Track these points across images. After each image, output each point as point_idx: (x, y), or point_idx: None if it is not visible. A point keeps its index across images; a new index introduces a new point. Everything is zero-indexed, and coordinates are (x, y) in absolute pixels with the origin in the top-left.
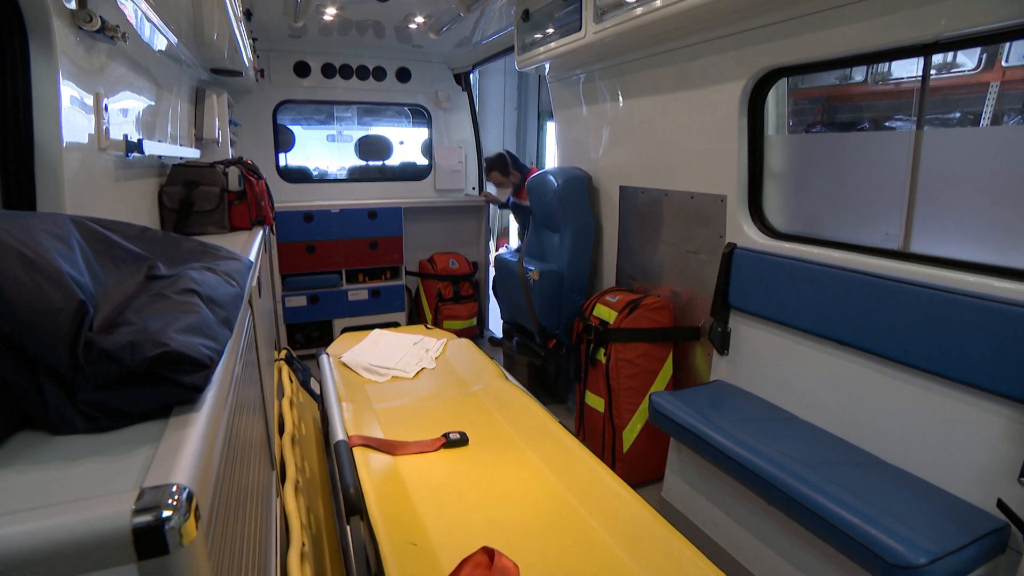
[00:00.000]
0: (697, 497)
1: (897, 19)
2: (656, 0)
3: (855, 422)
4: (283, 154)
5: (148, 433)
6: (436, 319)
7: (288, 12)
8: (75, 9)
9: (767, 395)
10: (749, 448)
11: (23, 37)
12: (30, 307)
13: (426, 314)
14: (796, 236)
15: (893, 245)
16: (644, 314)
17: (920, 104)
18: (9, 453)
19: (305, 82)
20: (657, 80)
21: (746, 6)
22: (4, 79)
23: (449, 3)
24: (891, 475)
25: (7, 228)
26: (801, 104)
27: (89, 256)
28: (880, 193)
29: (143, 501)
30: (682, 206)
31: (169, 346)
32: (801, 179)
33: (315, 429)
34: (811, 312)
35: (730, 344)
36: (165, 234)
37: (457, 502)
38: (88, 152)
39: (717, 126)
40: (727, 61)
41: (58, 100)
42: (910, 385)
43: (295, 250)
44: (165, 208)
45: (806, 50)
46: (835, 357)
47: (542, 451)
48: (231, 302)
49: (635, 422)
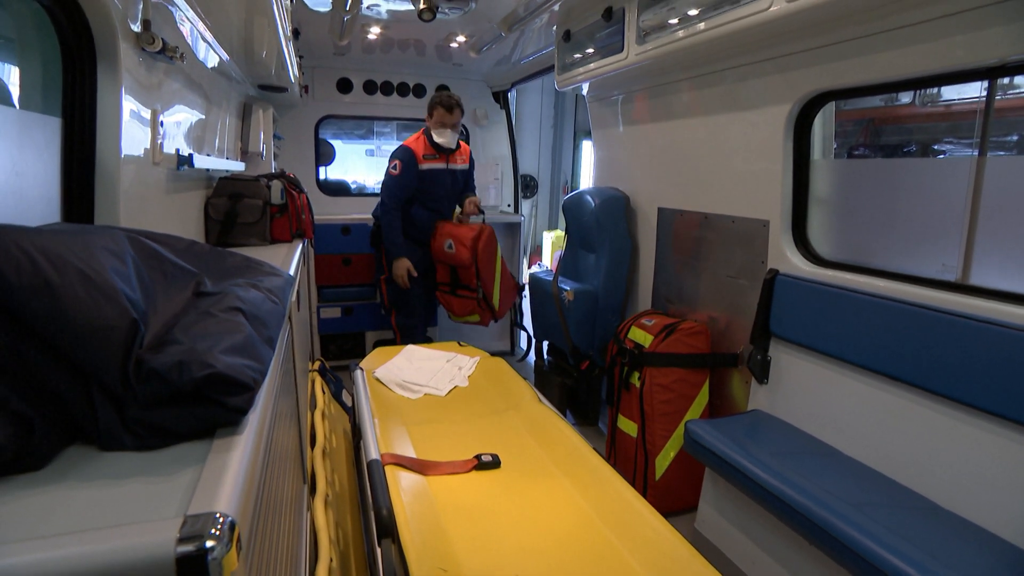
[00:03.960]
0: (732, 531)
1: (956, 42)
2: (700, 23)
3: (905, 461)
4: (323, 167)
5: (192, 454)
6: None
7: (334, 31)
8: (140, 32)
9: (809, 428)
10: (789, 483)
11: (92, 57)
12: (87, 323)
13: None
14: (843, 264)
15: (951, 276)
16: (681, 339)
17: (984, 129)
18: (61, 468)
19: (347, 98)
20: (699, 102)
21: (791, 29)
22: (73, 97)
23: (491, 23)
24: (944, 520)
25: (70, 245)
26: (845, 126)
27: (142, 272)
28: (935, 222)
29: (187, 529)
30: (722, 230)
31: (215, 367)
32: (849, 205)
33: (345, 442)
34: (858, 343)
35: (770, 373)
36: (211, 248)
37: (488, 527)
38: (143, 166)
39: (761, 149)
40: (772, 84)
41: (119, 117)
42: (967, 425)
43: (332, 262)
44: (210, 219)
45: (856, 74)
46: (884, 392)
47: (575, 477)
48: (274, 320)
49: (669, 449)
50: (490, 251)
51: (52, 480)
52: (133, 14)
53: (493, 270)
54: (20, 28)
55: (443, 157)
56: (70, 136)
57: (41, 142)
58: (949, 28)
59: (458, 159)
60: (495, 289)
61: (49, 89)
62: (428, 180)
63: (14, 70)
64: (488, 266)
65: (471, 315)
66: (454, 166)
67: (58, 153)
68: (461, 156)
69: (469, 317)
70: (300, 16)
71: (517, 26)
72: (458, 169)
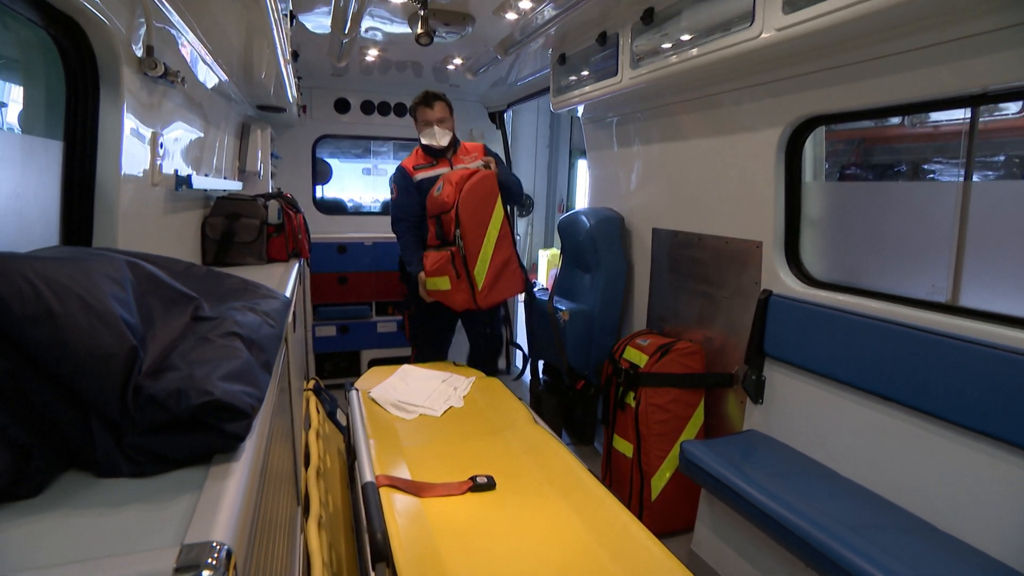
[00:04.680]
0: (729, 552)
1: (942, 70)
2: (692, 49)
3: (900, 482)
4: (320, 186)
5: (189, 480)
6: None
7: (332, 53)
8: (143, 57)
9: (804, 448)
10: (786, 504)
11: (95, 82)
12: (86, 351)
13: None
14: (835, 285)
15: (940, 298)
16: (676, 359)
17: (968, 154)
18: (57, 494)
19: (344, 118)
20: (692, 124)
21: (781, 56)
22: (75, 121)
23: (487, 46)
24: (940, 541)
25: (72, 273)
26: (836, 146)
27: (141, 297)
28: (925, 243)
29: (183, 559)
30: (716, 250)
31: (213, 394)
32: (840, 226)
33: (340, 462)
34: (852, 364)
35: (765, 393)
36: (208, 270)
37: (482, 550)
38: (142, 187)
39: (753, 172)
40: (764, 108)
41: (120, 141)
42: (959, 445)
43: (328, 281)
44: (207, 239)
45: (846, 99)
46: (877, 412)
47: (571, 499)
48: (271, 345)
49: (664, 469)
50: (480, 197)
51: (48, 507)
52: (136, 39)
53: (483, 229)
54: (25, 54)
55: (442, 161)
56: (71, 160)
57: (43, 165)
58: (934, 57)
59: (463, 158)
60: (481, 256)
61: (51, 114)
62: (423, 187)
63: (19, 96)
64: (475, 218)
65: (440, 277)
66: (458, 167)
67: (59, 176)
68: (468, 155)
69: (438, 281)
70: (299, 38)
71: (513, 49)
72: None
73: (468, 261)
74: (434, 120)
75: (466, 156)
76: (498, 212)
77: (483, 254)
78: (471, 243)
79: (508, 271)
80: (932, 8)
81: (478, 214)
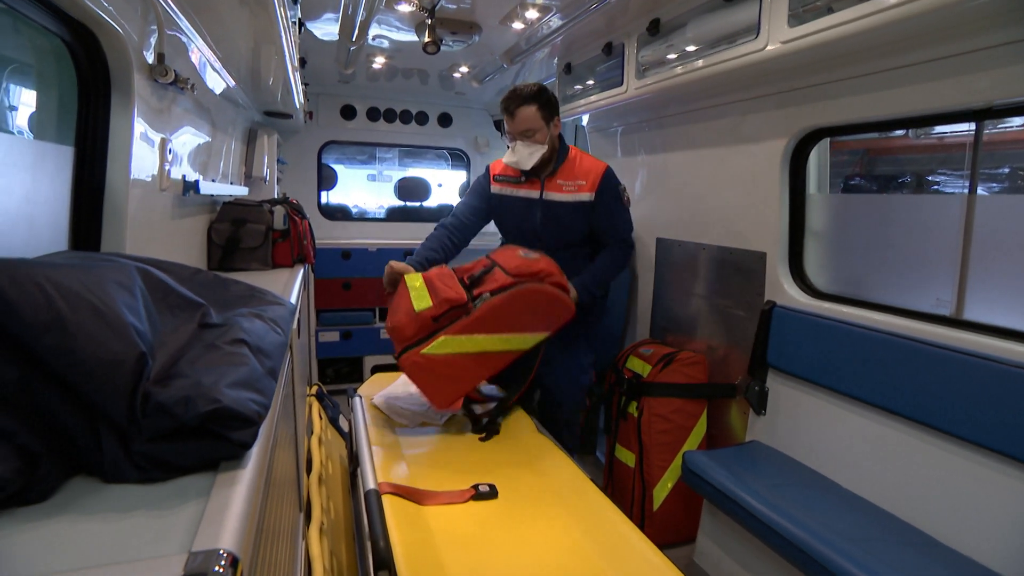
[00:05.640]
0: (731, 564)
1: (947, 84)
2: (698, 60)
3: (903, 495)
4: (325, 192)
5: (196, 487)
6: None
7: (340, 60)
8: (154, 64)
9: (807, 460)
10: (788, 516)
11: (106, 89)
12: (96, 358)
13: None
14: (839, 297)
15: (945, 311)
16: (679, 369)
17: (973, 167)
18: (65, 500)
19: (350, 124)
20: (697, 135)
21: (787, 68)
22: (86, 127)
23: (493, 55)
24: (944, 556)
25: (83, 280)
26: (840, 156)
27: (149, 304)
28: (929, 257)
29: (191, 566)
30: (720, 261)
31: (221, 402)
32: (845, 238)
33: (341, 468)
34: (855, 376)
35: (768, 404)
36: (215, 276)
37: (484, 558)
38: (150, 192)
39: (758, 183)
40: (769, 119)
41: (130, 146)
42: (962, 459)
43: (332, 286)
44: (213, 244)
45: (851, 111)
46: (881, 425)
47: (572, 508)
48: (277, 351)
49: (666, 480)
50: (517, 313)
51: (56, 513)
52: (147, 46)
53: (509, 332)
54: (38, 61)
55: (532, 182)
56: (82, 165)
57: (53, 170)
58: (938, 71)
59: (561, 186)
60: (481, 341)
61: (63, 119)
62: (502, 210)
63: (32, 101)
64: (502, 323)
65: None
66: (551, 196)
67: (69, 181)
68: (573, 178)
69: (419, 290)
70: (307, 45)
71: (519, 58)
72: (556, 201)
73: (464, 327)
74: (517, 133)
75: (568, 181)
76: (537, 338)
77: (484, 342)
78: (484, 326)
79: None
80: (937, 23)
81: (508, 324)
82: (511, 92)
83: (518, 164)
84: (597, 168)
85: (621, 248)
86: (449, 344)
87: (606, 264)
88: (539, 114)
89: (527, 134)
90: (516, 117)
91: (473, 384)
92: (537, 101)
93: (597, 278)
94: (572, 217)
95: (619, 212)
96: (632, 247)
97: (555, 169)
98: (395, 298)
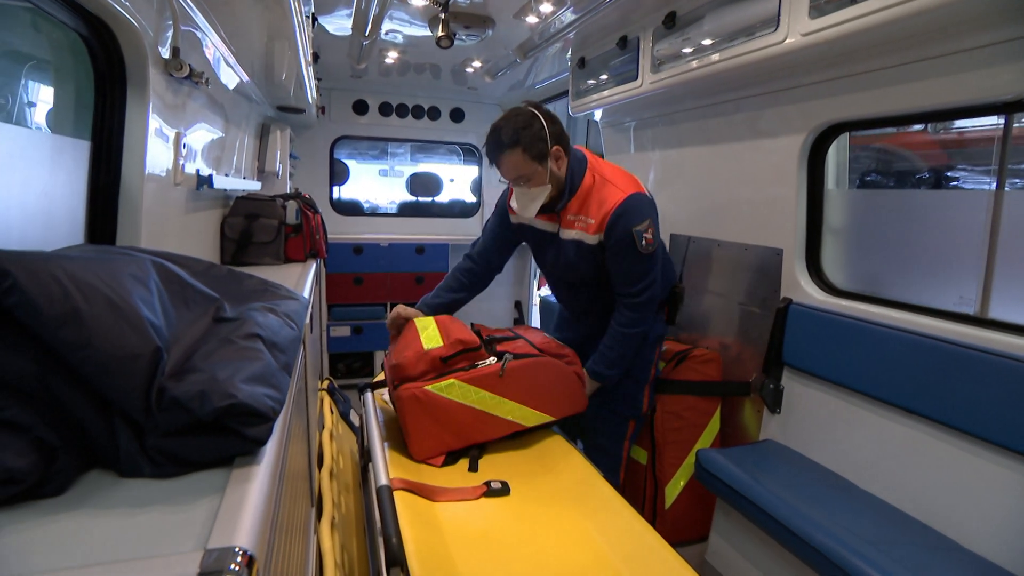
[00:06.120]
0: (744, 563)
1: (974, 77)
2: (714, 54)
3: (923, 497)
4: (337, 187)
5: (211, 483)
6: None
7: (352, 55)
8: (169, 59)
9: (823, 459)
10: (804, 517)
11: (122, 83)
12: (112, 351)
13: None
14: (858, 294)
15: (969, 309)
16: (692, 366)
17: (1001, 162)
18: (80, 494)
19: (362, 119)
20: (713, 130)
21: (806, 61)
22: (102, 121)
23: (506, 50)
24: (965, 560)
25: (98, 273)
26: (855, 152)
27: (164, 298)
28: (952, 253)
29: (206, 563)
30: (735, 257)
31: (236, 397)
32: (864, 235)
33: (352, 463)
34: (873, 375)
35: (783, 403)
36: (229, 270)
37: (496, 556)
38: (165, 186)
39: (774, 179)
40: (787, 114)
41: (145, 140)
42: (985, 461)
43: (343, 281)
44: (226, 238)
45: (872, 106)
46: (900, 425)
47: (584, 506)
48: (291, 346)
49: (679, 478)
50: (529, 388)
51: (72, 507)
52: (163, 41)
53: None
54: (55, 56)
55: (548, 214)
56: (98, 159)
57: (70, 165)
58: (964, 63)
59: (572, 221)
60: (489, 402)
61: (80, 114)
62: (525, 240)
63: (49, 96)
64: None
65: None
66: (568, 233)
67: (85, 175)
68: (581, 216)
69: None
70: (320, 40)
71: (532, 53)
72: (567, 240)
73: (476, 378)
74: (508, 180)
75: (580, 216)
76: (542, 419)
77: (490, 402)
78: (497, 385)
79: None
80: (964, 13)
81: (520, 392)
82: (489, 136)
83: (524, 215)
84: (612, 200)
85: (629, 308)
86: (455, 390)
87: (614, 338)
88: (525, 157)
89: (520, 181)
90: (502, 167)
91: (457, 445)
92: (520, 143)
93: (606, 357)
94: (578, 260)
95: (631, 261)
96: (647, 305)
97: (566, 203)
98: (400, 338)
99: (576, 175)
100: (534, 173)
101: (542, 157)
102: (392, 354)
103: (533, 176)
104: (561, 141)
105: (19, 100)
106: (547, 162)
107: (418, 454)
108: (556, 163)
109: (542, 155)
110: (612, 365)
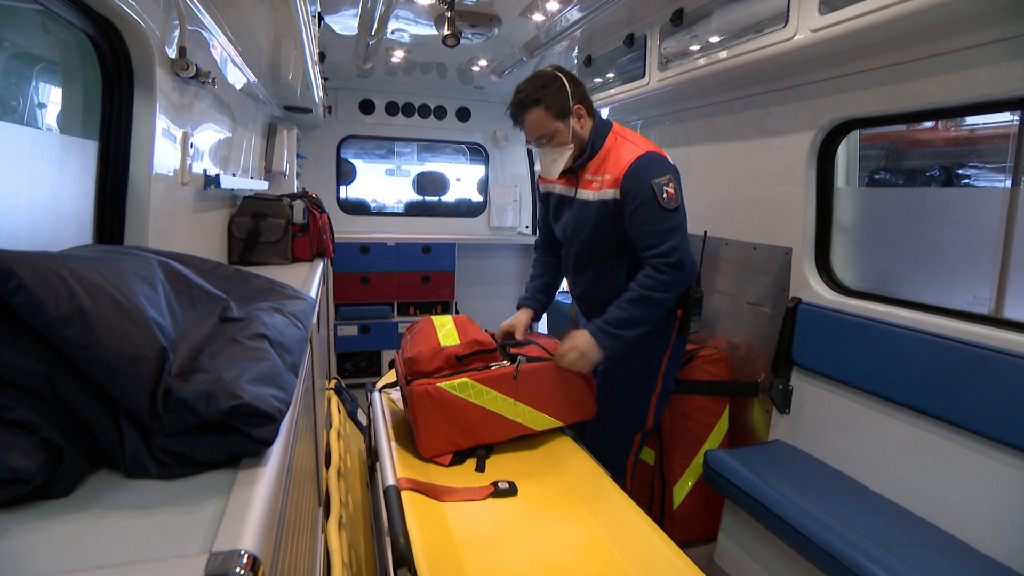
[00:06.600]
0: (752, 565)
1: (988, 72)
2: (722, 52)
3: (935, 499)
4: (343, 186)
5: (217, 484)
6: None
7: (359, 54)
8: (176, 58)
9: (833, 461)
10: (813, 518)
11: (129, 83)
12: (118, 352)
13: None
14: (868, 294)
15: (982, 309)
16: (700, 366)
17: (1016, 159)
18: (87, 495)
19: (369, 119)
20: (720, 128)
21: (816, 58)
22: (110, 121)
23: (512, 48)
24: (979, 563)
25: (104, 272)
26: (864, 149)
27: (171, 298)
28: (966, 252)
29: (212, 567)
30: (743, 256)
31: (242, 398)
32: (874, 233)
33: (359, 462)
34: (884, 375)
35: (792, 403)
36: (236, 270)
37: (504, 556)
38: (172, 186)
39: (783, 177)
40: (796, 111)
41: (152, 140)
42: (998, 463)
43: (350, 280)
44: (233, 237)
45: (883, 102)
46: (912, 426)
47: (592, 506)
48: (297, 346)
49: (687, 478)
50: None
51: (78, 508)
52: (170, 41)
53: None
54: (63, 56)
55: (567, 176)
56: (105, 159)
57: (78, 165)
58: (978, 58)
59: (590, 181)
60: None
61: (87, 114)
62: (549, 209)
63: (58, 97)
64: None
65: (449, 326)
66: (585, 194)
67: (93, 175)
68: (597, 176)
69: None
70: (326, 40)
71: (539, 51)
72: (586, 200)
73: (489, 379)
74: (532, 140)
75: (597, 175)
76: (550, 423)
77: (501, 404)
78: (509, 387)
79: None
80: (977, 7)
81: (532, 394)
82: (513, 98)
83: (547, 175)
84: (629, 156)
85: (657, 269)
86: (468, 388)
87: (631, 299)
88: (547, 114)
89: (543, 139)
90: (525, 126)
91: (466, 444)
92: (542, 101)
93: (616, 316)
94: (598, 220)
95: (653, 216)
96: (678, 267)
97: (586, 161)
98: (417, 333)
99: (599, 137)
100: (556, 131)
101: (564, 114)
102: (408, 346)
103: (555, 135)
104: (585, 102)
105: (30, 102)
106: (569, 120)
107: (426, 451)
108: (579, 122)
109: (564, 112)
110: (623, 325)
